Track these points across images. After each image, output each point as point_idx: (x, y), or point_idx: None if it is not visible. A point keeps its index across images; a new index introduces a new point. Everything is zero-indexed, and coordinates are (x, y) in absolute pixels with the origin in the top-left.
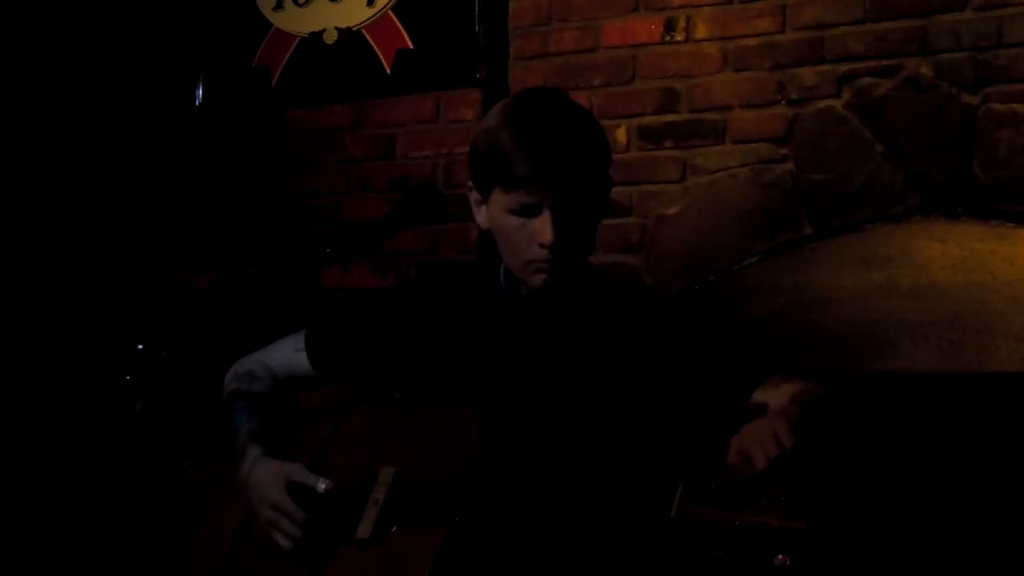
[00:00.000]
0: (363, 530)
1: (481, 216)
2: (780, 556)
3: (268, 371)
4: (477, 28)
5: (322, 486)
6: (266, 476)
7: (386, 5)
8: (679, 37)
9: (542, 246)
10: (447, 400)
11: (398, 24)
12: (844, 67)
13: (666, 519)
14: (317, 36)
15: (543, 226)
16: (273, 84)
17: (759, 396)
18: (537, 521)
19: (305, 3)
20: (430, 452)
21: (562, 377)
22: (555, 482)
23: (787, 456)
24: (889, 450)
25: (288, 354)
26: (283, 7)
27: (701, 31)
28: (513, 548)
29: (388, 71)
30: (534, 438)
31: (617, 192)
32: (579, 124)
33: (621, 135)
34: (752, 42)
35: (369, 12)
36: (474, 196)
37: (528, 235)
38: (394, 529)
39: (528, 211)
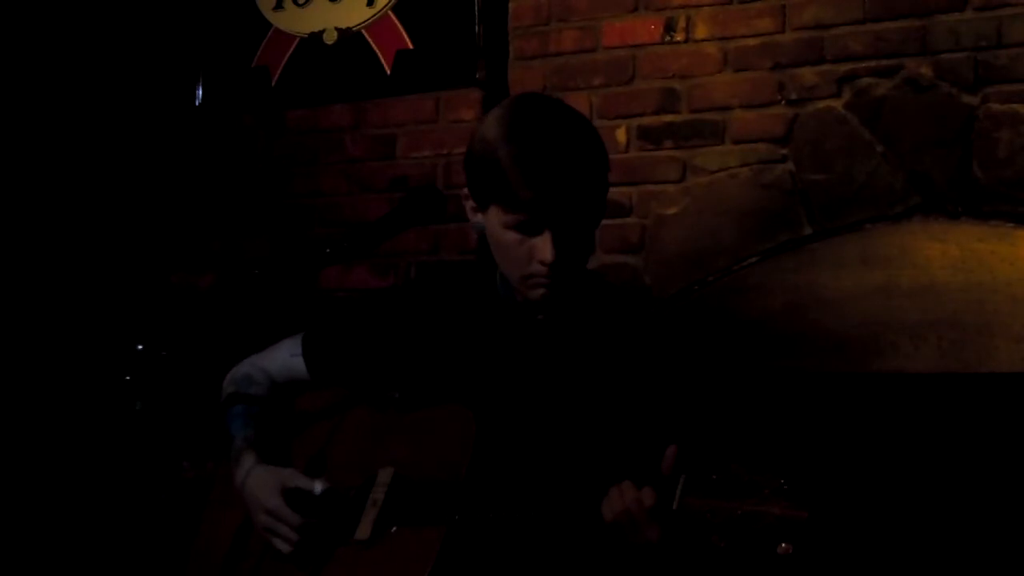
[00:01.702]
0: (362, 531)
1: (478, 223)
2: (783, 545)
3: (266, 375)
4: (477, 28)
5: (318, 487)
6: (261, 483)
7: (386, 5)
8: (679, 37)
9: (542, 263)
10: (445, 401)
11: (398, 24)
12: (844, 67)
13: (668, 511)
14: (317, 36)
15: (543, 245)
16: (273, 84)
17: None
18: (535, 518)
19: (305, 3)
20: (429, 452)
21: (558, 379)
22: (553, 481)
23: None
24: (890, 449)
25: (285, 359)
26: (283, 7)
27: (701, 31)
28: (512, 546)
29: (388, 71)
30: (532, 438)
31: (617, 192)
32: (579, 141)
33: (621, 135)
34: (752, 42)
35: (369, 12)
36: (470, 204)
37: (527, 251)
38: (393, 529)
39: (528, 229)
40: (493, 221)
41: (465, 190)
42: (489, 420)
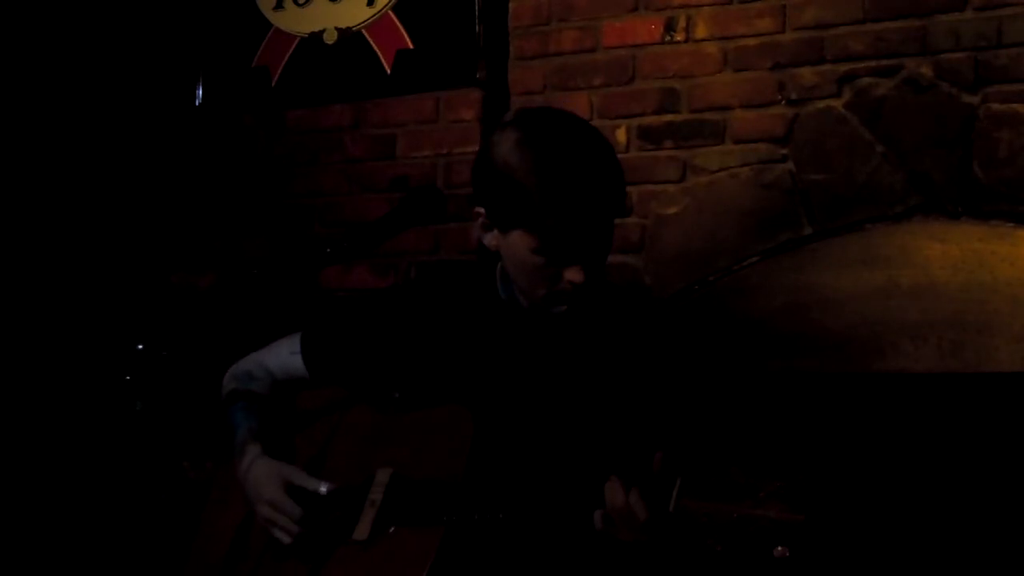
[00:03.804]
0: (361, 531)
1: (489, 239)
2: (779, 548)
3: (266, 372)
4: (477, 28)
5: (323, 489)
6: (265, 474)
7: (386, 5)
8: (679, 37)
9: (572, 283)
10: (443, 402)
11: (398, 24)
12: (844, 67)
13: (664, 513)
14: (317, 36)
15: (574, 269)
16: (273, 84)
17: None
18: (533, 518)
19: (305, 3)
20: (426, 452)
21: (557, 378)
22: (550, 480)
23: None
24: (890, 450)
25: (284, 356)
26: (283, 7)
27: (701, 31)
28: (510, 546)
29: (388, 71)
30: (530, 438)
31: None
32: (605, 165)
33: (621, 135)
34: (752, 42)
35: (369, 12)
36: (483, 221)
37: (554, 272)
38: (392, 530)
39: (557, 255)
40: (517, 244)
41: (480, 209)
42: (488, 420)
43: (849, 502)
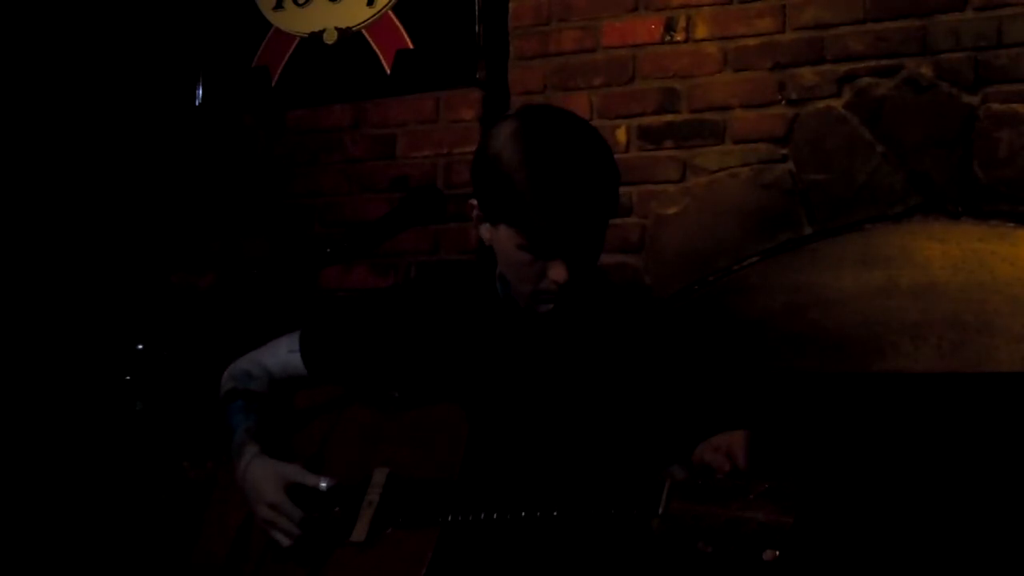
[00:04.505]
0: (358, 533)
1: (484, 233)
2: (769, 551)
3: (264, 370)
4: (477, 28)
5: (324, 484)
6: (264, 475)
7: (386, 5)
8: (679, 37)
9: (555, 282)
10: (441, 400)
11: (398, 24)
12: (844, 67)
13: (654, 515)
14: (317, 36)
15: (558, 267)
16: (273, 84)
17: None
18: (528, 519)
19: (305, 3)
20: (422, 452)
21: (555, 378)
22: (546, 480)
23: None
24: (890, 450)
25: (283, 355)
26: (283, 7)
27: (701, 31)
28: (506, 546)
29: (388, 71)
30: (528, 437)
31: None
32: (596, 165)
33: (621, 135)
34: (752, 42)
35: (369, 12)
36: (477, 214)
37: (539, 269)
38: (389, 531)
39: (542, 251)
40: (504, 239)
41: (474, 201)
42: (484, 418)
43: (846, 503)
